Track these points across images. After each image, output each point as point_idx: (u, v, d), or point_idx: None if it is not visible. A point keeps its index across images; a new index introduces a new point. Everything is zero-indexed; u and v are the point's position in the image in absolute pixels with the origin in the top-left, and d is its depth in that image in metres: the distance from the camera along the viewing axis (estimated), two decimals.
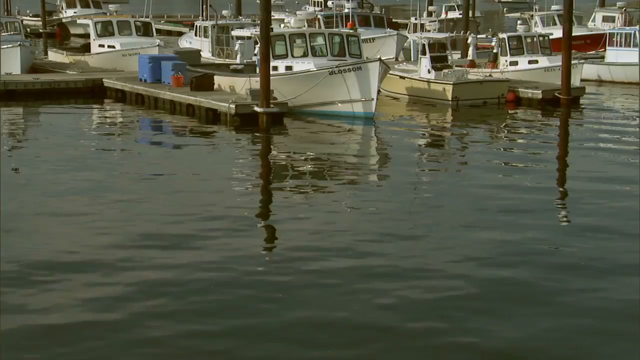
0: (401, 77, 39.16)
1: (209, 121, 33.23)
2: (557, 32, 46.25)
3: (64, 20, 77.03)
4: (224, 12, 53.75)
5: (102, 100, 38.72)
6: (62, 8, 79.71)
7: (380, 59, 33.76)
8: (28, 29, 60.72)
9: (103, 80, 39.77)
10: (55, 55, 49.44)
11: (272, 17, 38.53)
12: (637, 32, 44.39)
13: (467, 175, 24.87)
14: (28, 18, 76.28)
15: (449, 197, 21.94)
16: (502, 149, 29.46)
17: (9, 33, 45.27)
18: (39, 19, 75.67)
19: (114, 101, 38.47)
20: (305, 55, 35.62)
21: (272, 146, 29.80)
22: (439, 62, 38.17)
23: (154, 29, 47.58)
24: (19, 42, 42.89)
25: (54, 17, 78.87)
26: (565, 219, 20.16)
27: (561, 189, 23.71)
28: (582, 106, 37.53)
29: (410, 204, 21.56)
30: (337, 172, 25.48)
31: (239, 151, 29.15)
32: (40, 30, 72.76)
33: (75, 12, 76.45)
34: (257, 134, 31.03)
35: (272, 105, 32.25)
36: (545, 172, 25.63)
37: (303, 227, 19.27)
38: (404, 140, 31.24)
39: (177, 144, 30.09)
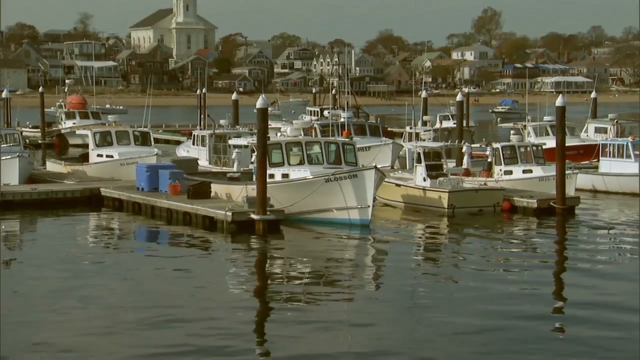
0: (397, 184, 39.43)
1: (205, 229, 33.28)
2: (550, 142, 46.71)
3: (62, 131, 77.72)
4: (222, 122, 54.31)
5: (100, 209, 38.65)
6: (62, 119, 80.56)
7: (375, 167, 34.10)
8: (27, 140, 61.14)
9: (100, 189, 39.89)
10: (53, 166, 49.66)
11: (269, 126, 39.00)
12: (629, 144, 44.88)
13: (461, 286, 24.78)
14: (28, 129, 76.96)
15: (444, 311, 21.84)
16: (498, 260, 29.24)
17: (8, 145, 45.58)
18: (39, 130, 76.41)
19: (111, 210, 38.40)
20: (301, 163, 35.94)
21: (268, 254, 29.81)
22: (435, 170, 38.49)
23: (152, 138, 48.06)
24: (17, 154, 43.12)
25: (53, 128, 79.64)
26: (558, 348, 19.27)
27: (555, 313, 22.57)
28: (578, 216, 37.59)
29: (406, 315, 21.53)
30: (334, 281, 25.48)
31: (236, 259, 29.13)
32: (39, 141, 73.40)
33: (74, 123, 77.16)
34: (254, 241, 31.07)
35: (268, 213, 32.41)
36: (539, 290, 24.62)
37: (299, 336, 19.21)
38: (400, 249, 31.28)
39: (173, 254, 29.93)
